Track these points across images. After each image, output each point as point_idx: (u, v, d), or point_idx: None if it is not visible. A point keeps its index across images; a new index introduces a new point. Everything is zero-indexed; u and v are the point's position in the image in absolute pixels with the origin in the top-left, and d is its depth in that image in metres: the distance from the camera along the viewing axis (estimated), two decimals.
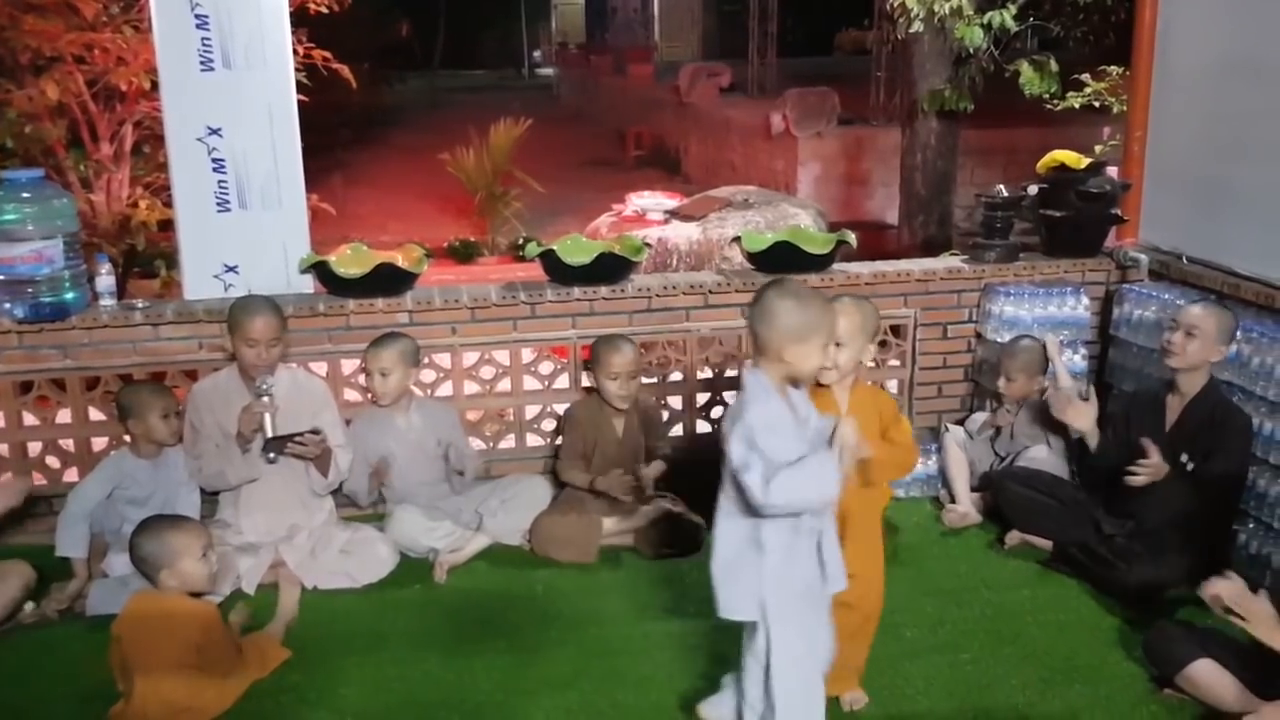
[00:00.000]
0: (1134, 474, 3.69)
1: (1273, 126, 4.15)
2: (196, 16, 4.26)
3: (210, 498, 4.13)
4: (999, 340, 4.64)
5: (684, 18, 30.02)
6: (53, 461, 4.40)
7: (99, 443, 4.36)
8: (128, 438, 4.05)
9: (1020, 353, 4.43)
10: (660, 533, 4.16)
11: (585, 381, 4.54)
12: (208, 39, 4.28)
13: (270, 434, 3.86)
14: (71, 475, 4.34)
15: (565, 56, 33.13)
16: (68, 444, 4.37)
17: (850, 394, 3.05)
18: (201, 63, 4.30)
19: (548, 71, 35.07)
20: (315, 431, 3.94)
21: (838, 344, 2.89)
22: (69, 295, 4.16)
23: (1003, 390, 4.45)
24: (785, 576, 2.72)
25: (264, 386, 3.84)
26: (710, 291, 4.61)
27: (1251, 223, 4.26)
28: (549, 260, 4.50)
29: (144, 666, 3.12)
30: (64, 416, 4.33)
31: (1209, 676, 3.08)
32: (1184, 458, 3.76)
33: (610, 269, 4.53)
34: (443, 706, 3.26)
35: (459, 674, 3.41)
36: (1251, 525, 3.91)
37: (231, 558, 3.86)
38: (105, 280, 4.29)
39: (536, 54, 37.96)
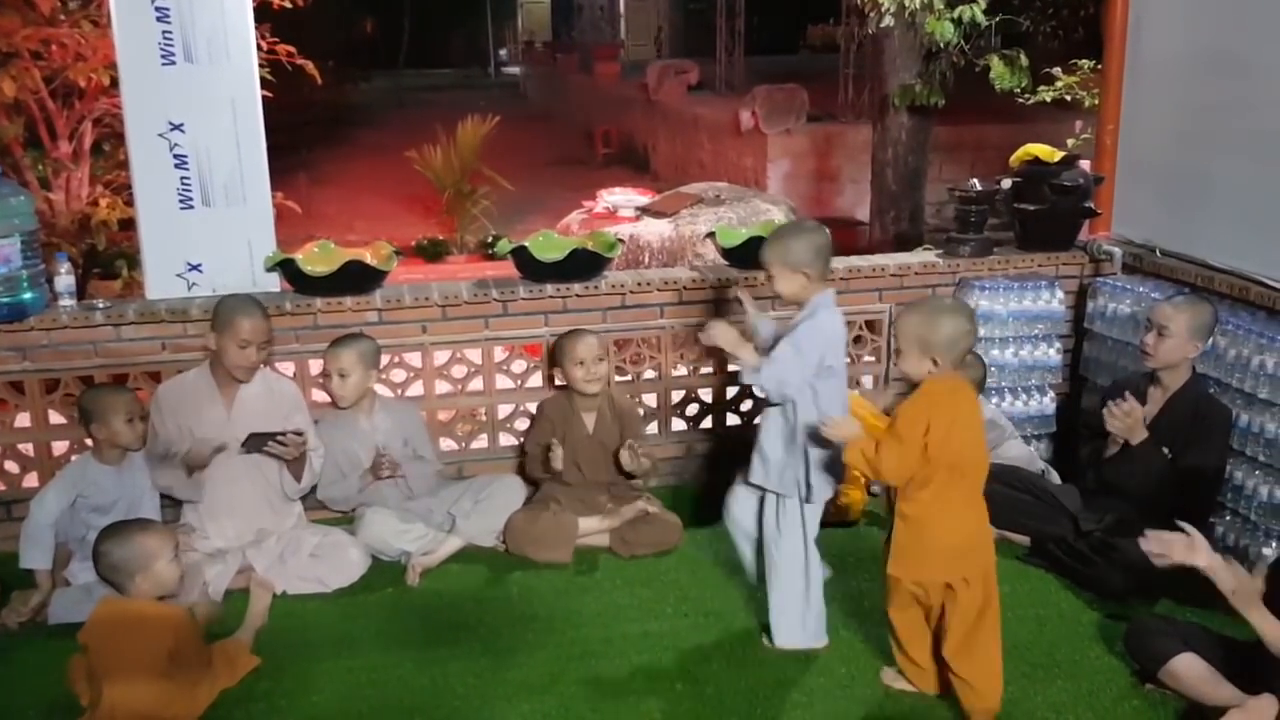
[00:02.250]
0: (1110, 417, 3.75)
1: (1245, 118, 4.15)
2: (157, 9, 4.16)
3: (175, 502, 4.03)
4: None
5: (650, 16, 30.02)
6: (11, 466, 4.28)
7: (59, 447, 4.25)
8: (90, 442, 3.94)
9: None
10: (637, 532, 4.11)
11: (558, 380, 4.48)
12: (169, 32, 4.18)
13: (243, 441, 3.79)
14: (31, 480, 4.23)
15: (531, 55, 33.02)
16: (27, 449, 4.26)
17: None
18: (163, 56, 4.20)
19: (514, 70, 34.94)
20: (298, 432, 3.87)
21: None
22: (27, 295, 4.05)
23: None
24: None
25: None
26: (685, 288, 4.57)
27: (1225, 215, 4.27)
28: (521, 257, 4.44)
29: (113, 675, 3.03)
30: (23, 420, 4.22)
31: (1192, 671, 3.05)
32: (1164, 450, 3.75)
33: (583, 265, 4.46)
34: (418, 712, 3.19)
35: (433, 679, 3.35)
36: (1229, 517, 3.92)
37: (198, 564, 3.77)
38: (65, 280, 4.18)
39: (502, 52, 37.81)
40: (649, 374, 4.69)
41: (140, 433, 3.87)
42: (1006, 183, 4.88)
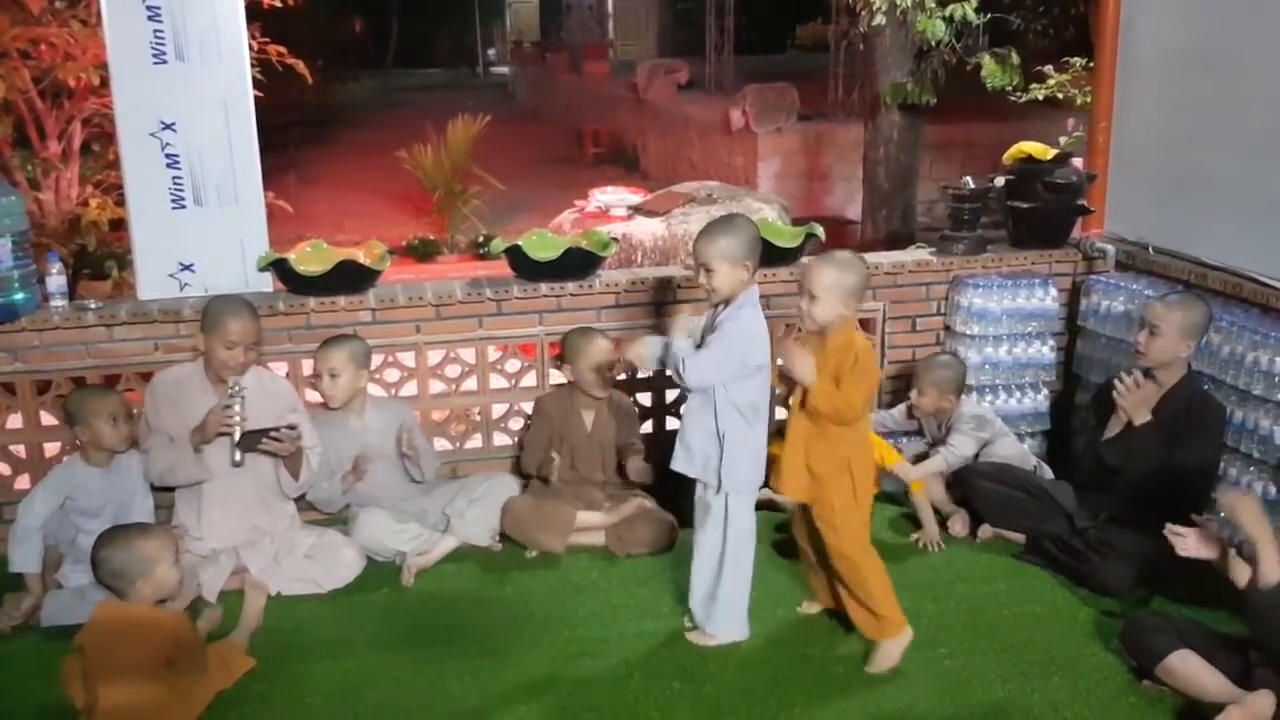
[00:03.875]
0: (1121, 388, 3.75)
1: (1238, 115, 4.16)
2: (148, 8, 4.14)
3: (167, 504, 4.01)
4: (968, 333, 4.63)
5: (639, 15, 30.02)
6: (3, 468, 4.26)
7: (51, 448, 4.23)
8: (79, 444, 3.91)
9: (936, 368, 4.38)
10: (632, 531, 4.10)
11: (555, 378, 4.47)
12: (160, 31, 4.16)
13: (238, 439, 3.74)
14: (23, 482, 4.20)
15: (520, 54, 32.99)
16: (18, 450, 4.23)
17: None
18: (154, 55, 4.18)
19: (503, 70, 34.90)
20: (291, 427, 3.85)
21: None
22: (18, 296, 4.02)
23: (913, 401, 4.42)
24: None
25: (235, 389, 3.73)
26: (679, 286, 4.56)
27: (1218, 212, 4.28)
28: (515, 256, 4.42)
29: (109, 678, 3.00)
30: (14, 422, 4.19)
31: (1189, 667, 3.06)
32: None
33: (578, 264, 4.46)
34: (414, 713, 3.18)
35: (430, 680, 3.33)
36: (1222, 514, 3.91)
37: (192, 567, 3.74)
38: (56, 280, 4.16)
39: (491, 52, 37.75)
40: (643, 373, 4.68)
41: (125, 434, 3.84)
42: (1000, 181, 4.88)
